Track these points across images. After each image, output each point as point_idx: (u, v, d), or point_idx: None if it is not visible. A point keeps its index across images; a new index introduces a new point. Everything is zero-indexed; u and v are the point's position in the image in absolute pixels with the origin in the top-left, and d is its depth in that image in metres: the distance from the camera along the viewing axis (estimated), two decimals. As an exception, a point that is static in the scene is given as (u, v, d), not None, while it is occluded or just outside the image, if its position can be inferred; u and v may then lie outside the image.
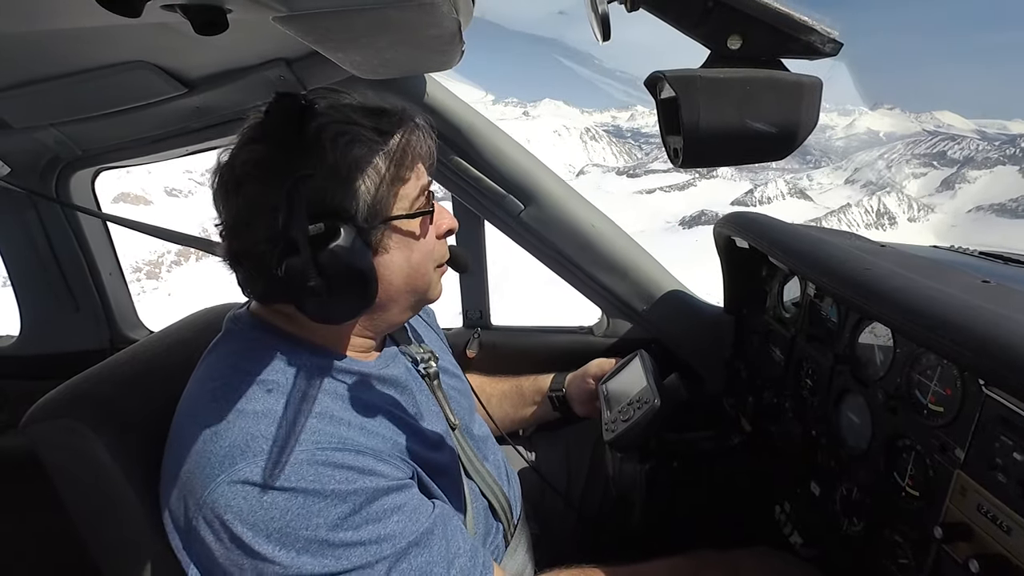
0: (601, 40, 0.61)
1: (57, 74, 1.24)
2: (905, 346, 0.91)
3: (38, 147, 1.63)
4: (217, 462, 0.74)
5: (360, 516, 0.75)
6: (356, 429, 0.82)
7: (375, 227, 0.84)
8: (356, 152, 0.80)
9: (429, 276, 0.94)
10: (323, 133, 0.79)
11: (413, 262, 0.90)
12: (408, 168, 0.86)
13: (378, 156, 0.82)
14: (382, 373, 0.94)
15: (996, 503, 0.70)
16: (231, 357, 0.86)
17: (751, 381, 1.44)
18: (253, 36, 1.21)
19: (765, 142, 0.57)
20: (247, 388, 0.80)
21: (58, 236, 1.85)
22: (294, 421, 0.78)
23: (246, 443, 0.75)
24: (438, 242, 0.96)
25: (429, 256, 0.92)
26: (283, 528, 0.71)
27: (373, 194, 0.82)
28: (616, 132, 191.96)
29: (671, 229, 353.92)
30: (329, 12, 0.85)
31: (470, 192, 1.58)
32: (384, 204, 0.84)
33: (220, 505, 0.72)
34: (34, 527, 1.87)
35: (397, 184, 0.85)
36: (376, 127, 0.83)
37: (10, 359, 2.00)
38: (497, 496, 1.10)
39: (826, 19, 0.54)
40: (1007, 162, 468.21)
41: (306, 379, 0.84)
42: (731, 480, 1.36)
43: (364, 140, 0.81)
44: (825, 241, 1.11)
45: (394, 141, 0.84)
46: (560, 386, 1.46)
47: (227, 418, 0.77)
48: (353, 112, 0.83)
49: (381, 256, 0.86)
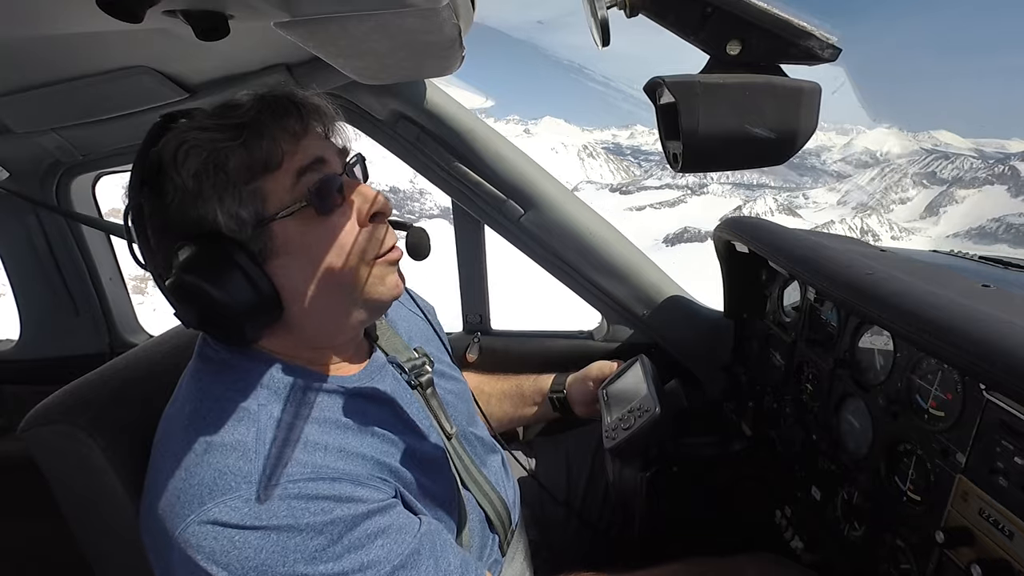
0: (601, 45, 0.62)
1: (59, 79, 1.24)
2: (905, 350, 0.91)
3: (39, 152, 1.63)
4: (187, 501, 0.71)
5: (340, 546, 0.72)
6: (333, 453, 0.79)
7: (252, 235, 0.76)
8: (193, 160, 0.74)
9: (357, 274, 0.82)
10: (164, 150, 0.75)
11: (318, 262, 0.79)
12: (274, 157, 0.77)
13: (223, 157, 0.74)
14: (364, 389, 0.90)
15: (998, 508, 0.70)
16: (202, 381, 0.83)
17: (751, 386, 1.44)
18: (254, 42, 1.21)
19: (764, 147, 0.57)
20: (216, 417, 0.77)
21: (58, 240, 1.85)
22: (266, 453, 0.74)
23: (214, 481, 0.71)
24: (364, 230, 0.83)
25: (345, 250, 0.81)
26: (259, 566, 0.68)
27: (229, 201, 0.75)
28: (615, 150, 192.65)
29: (655, 247, 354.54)
30: (330, 18, 0.86)
31: (470, 197, 1.58)
32: (250, 208, 0.76)
33: (192, 546, 0.69)
34: (31, 531, 1.87)
35: (261, 180, 0.76)
36: (218, 125, 0.75)
37: (10, 363, 1.99)
38: (494, 505, 1.09)
39: (825, 25, 0.54)
40: (995, 181, 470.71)
41: (279, 403, 0.80)
42: (732, 485, 1.36)
43: (201, 144, 0.74)
44: (825, 246, 1.11)
45: (248, 133, 0.75)
46: (561, 387, 1.46)
47: (196, 451, 0.74)
48: (204, 118, 0.77)
49: (273, 262, 0.78)
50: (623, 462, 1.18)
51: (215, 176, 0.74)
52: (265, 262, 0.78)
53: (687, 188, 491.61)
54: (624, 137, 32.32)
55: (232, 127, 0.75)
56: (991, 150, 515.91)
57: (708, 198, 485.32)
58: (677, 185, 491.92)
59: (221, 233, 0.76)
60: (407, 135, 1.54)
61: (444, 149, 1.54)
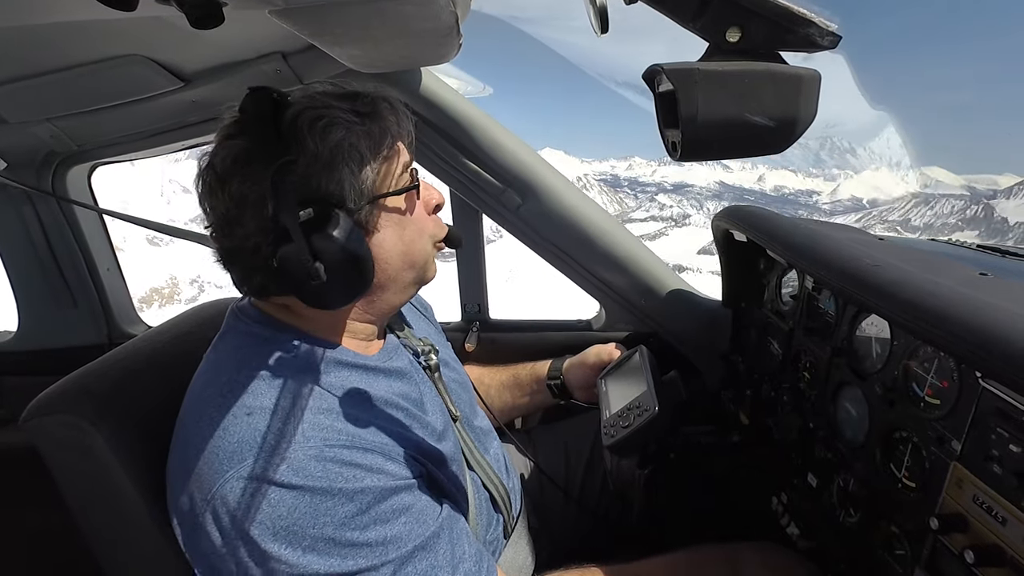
0: (599, 33, 0.61)
1: (52, 68, 1.23)
2: (902, 339, 0.91)
3: (34, 142, 1.62)
4: (226, 458, 0.74)
5: (368, 516, 0.75)
6: (364, 425, 0.82)
7: (364, 207, 0.84)
8: (335, 135, 0.80)
9: (426, 252, 0.94)
10: (299, 120, 0.80)
11: (407, 239, 0.90)
12: (389, 147, 0.87)
13: (358, 137, 0.82)
14: (386, 366, 0.94)
15: (992, 494, 0.71)
16: (236, 353, 0.86)
17: (749, 374, 1.44)
18: (249, 30, 1.20)
19: (763, 135, 0.57)
20: (254, 384, 0.80)
21: (55, 232, 1.84)
22: (302, 417, 0.77)
23: (255, 439, 0.75)
24: (430, 218, 0.96)
25: (422, 232, 0.93)
26: (290, 526, 0.71)
27: (358, 175, 0.82)
28: (612, 181, 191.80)
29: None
30: (325, 5, 0.85)
31: (468, 186, 1.58)
32: (370, 184, 0.84)
33: (229, 501, 0.72)
34: (33, 522, 1.88)
35: (380, 163, 0.86)
36: (353, 109, 0.84)
37: (8, 355, 1.99)
38: (498, 488, 1.11)
39: (825, 12, 0.54)
40: (966, 226, 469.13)
41: (313, 374, 0.84)
42: (729, 473, 1.37)
43: (342, 123, 0.81)
44: (823, 234, 1.11)
45: (372, 122, 0.85)
46: (558, 373, 1.46)
47: (235, 414, 0.77)
48: (328, 98, 0.83)
49: (374, 236, 0.87)
50: (621, 458, 1.18)
51: (349, 151, 0.81)
52: (371, 233, 0.87)
53: (671, 220, 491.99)
54: (623, 168, 32.16)
55: (359, 113, 0.84)
56: (983, 187, 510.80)
57: (690, 229, 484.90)
58: (661, 217, 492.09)
59: (339, 204, 0.81)
60: (404, 124, 1.53)
61: (442, 138, 1.53)
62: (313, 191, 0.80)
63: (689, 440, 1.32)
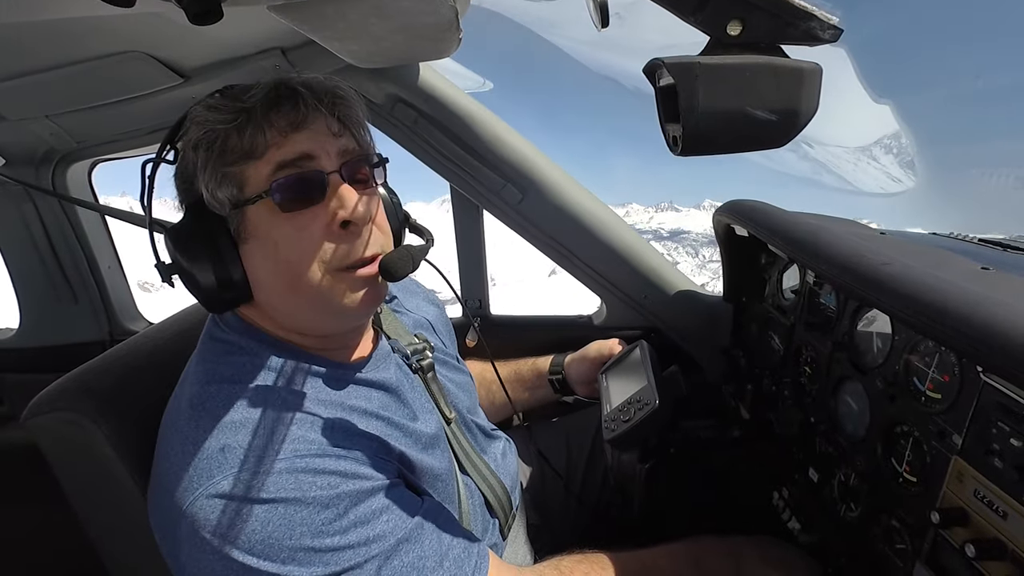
0: (600, 27, 0.61)
1: (51, 65, 1.23)
2: (903, 333, 0.91)
3: (33, 139, 1.62)
4: (196, 475, 0.72)
5: (346, 520, 0.73)
6: (338, 433, 0.80)
7: (231, 215, 0.79)
8: (194, 134, 0.78)
9: (315, 280, 0.79)
10: (184, 121, 0.81)
11: (282, 258, 0.79)
12: (259, 145, 0.76)
13: (217, 136, 0.76)
14: (368, 377, 0.91)
15: (992, 488, 0.71)
16: (210, 363, 0.84)
17: (750, 369, 1.44)
18: (248, 25, 1.20)
19: (765, 129, 0.57)
20: (225, 397, 0.78)
21: (55, 229, 1.84)
22: (273, 429, 0.75)
23: (222, 455, 0.73)
24: (331, 237, 0.79)
25: (306, 253, 0.78)
26: (265, 540, 0.69)
27: (216, 178, 0.77)
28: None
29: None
30: (324, 1, 0.85)
31: (468, 181, 1.58)
32: (229, 189, 0.78)
33: (199, 519, 0.70)
34: (34, 519, 1.88)
35: (244, 165, 0.77)
36: (223, 105, 0.77)
37: (9, 352, 2.00)
38: (494, 489, 1.10)
39: (826, 5, 0.54)
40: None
41: (286, 384, 0.82)
42: (730, 468, 1.37)
43: (201, 121, 0.77)
44: (824, 228, 1.10)
45: (245, 118, 0.76)
46: (559, 368, 1.46)
47: (204, 428, 0.75)
48: (217, 98, 0.79)
49: (244, 246, 0.81)
50: (622, 452, 1.19)
51: (206, 152, 0.77)
52: (240, 244, 0.81)
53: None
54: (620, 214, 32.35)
55: (233, 110, 0.76)
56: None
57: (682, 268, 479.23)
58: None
59: (206, 207, 0.80)
60: (404, 119, 1.52)
61: (442, 133, 1.53)
62: (190, 195, 0.82)
63: (690, 435, 1.32)
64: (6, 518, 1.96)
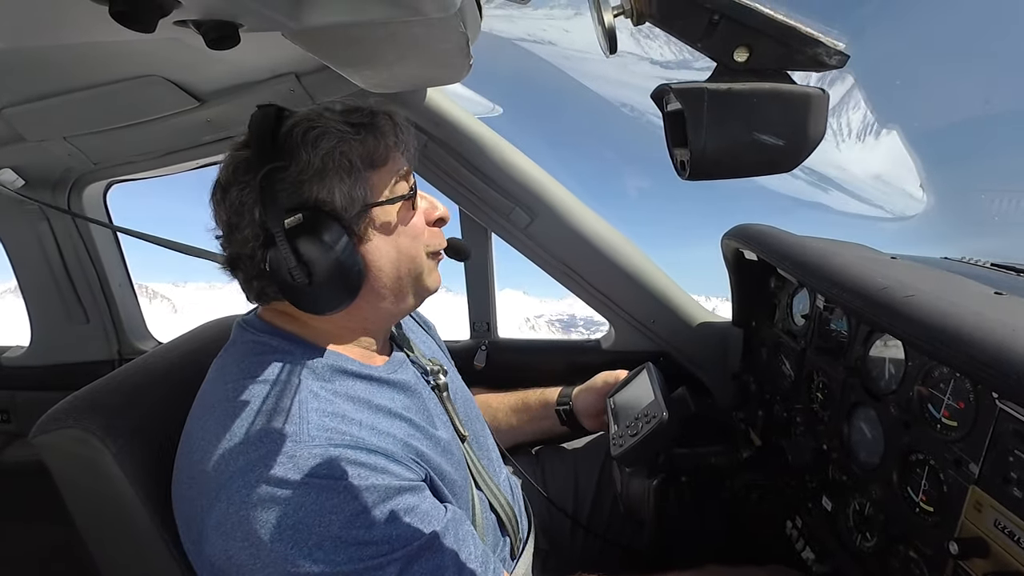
0: (608, 53, 0.62)
1: (71, 88, 1.26)
2: (916, 359, 0.90)
3: (51, 160, 1.65)
4: (231, 458, 0.74)
5: (373, 514, 0.74)
6: (368, 429, 0.82)
7: (356, 215, 0.86)
8: (325, 144, 0.83)
9: (420, 262, 0.95)
10: (295, 131, 0.84)
11: (400, 247, 0.92)
12: (381, 156, 0.89)
13: (349, 146, 0.85)
14: (391, 377, 0.94)
15: (1013, 518, 0.69)
16: (242, 361, 0.87)
17: (761, 394, 1.43)
18: (264, 51, 1.23)
19: (773, 155, 0.57)
20: (258, 389, 0.81)
21: (69, 248, 1.87)
22: (307, 418, 0.78)
23: (260, 439, 0.75)
24: (429, 229, 0.97)
25: (417, 241, 0.94)
26: (296, 524, 0.71)
27: (348, 183, 0.85)
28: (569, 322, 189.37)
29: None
30: (338, 27, 0.87)
31: (477, 205, 1.59)
32: (361, 192, 0.86)
33: (234, 501, 0.72)
34: (42, 536, 1.88)
35: (371, 172, 0.88)
36: (347, 121, 0.86)
37: (20, 369, 2.01)
38: (505, 510, 1.09)
39: (832, 31, 0.54)
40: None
41: (317, 380, 0.84)
42: (741, 495, 1.35)
43: (333, 133, 0.84)
44: (834, 253, 1.10)
45: (367, 133, 0.87)
46: (567, 399, 1.45)
47: (239, 417, 0.78)
48: (325, 111, 0.87)
49: (366, 243, 0.88)
50: (631, 470, 1.17)
51: (340, 160, 0.84)
52: (363, 238, 0.88)
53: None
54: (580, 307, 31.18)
55: (353, 124, 0.86)
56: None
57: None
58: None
59: (330, 211, 0.84)
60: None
61: (451, 156, 1.55)
62: (304, 198, 0.83)
63: (701, 461, 1.30)
64: (14, 535, 1.95)
